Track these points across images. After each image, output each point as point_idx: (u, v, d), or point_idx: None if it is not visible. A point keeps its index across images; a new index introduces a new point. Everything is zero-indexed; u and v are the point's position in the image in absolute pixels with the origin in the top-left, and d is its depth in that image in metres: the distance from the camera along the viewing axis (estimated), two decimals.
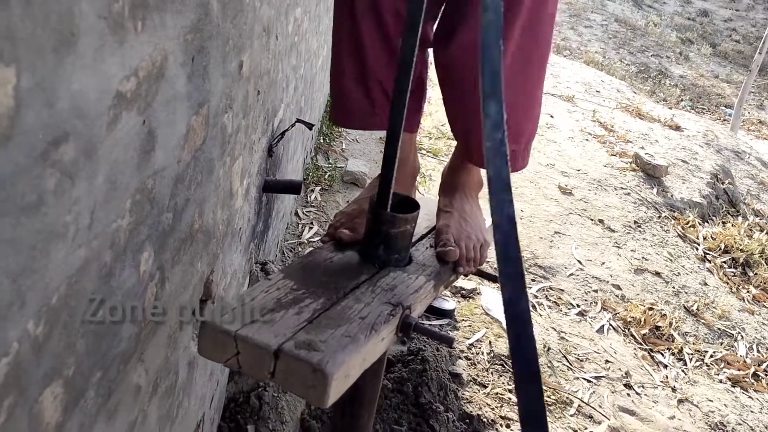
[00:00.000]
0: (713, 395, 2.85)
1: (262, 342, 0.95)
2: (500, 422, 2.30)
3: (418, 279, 1.24)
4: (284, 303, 1.05)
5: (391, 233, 1.22)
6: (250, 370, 0.97)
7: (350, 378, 0.99)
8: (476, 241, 1.40)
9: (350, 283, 1.16)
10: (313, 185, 3.52)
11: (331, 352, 0.94)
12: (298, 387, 0.94)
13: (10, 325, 0.55)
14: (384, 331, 1.07)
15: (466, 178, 1.50)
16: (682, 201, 4.61)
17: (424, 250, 1.38)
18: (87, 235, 0.68)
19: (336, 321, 1.03)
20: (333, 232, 1.33)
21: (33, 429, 0.64)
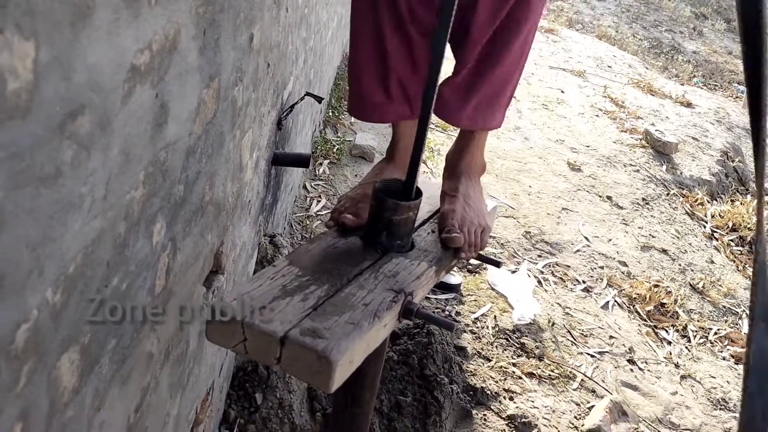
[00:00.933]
0: (716, 372, 2.87)
1: (269, 329, 0.97)
2: (504, 395, 2.33)
3: (420, 265, 1.25)
4: (289, 290, 1.07)
5: (394, 220, 1.23)
6: (257, 356, 0.99)
7: (354, 363, 1.01)
8: (478, 226, 1.41)
9: (354, 270, 1.17)
10: (321, 159, 3.53)
11: (335, 339, 0.96)
12: (303, 373, 0.96)
13: (30, 293, 0.57)
14: (386, 318, 1.09)
15: (470, 161, 1.51)
16: (691, 178, 4.60)
17: (426, 236, 1.39)
18: (102, 205, 0.69)
19: (340, 308, 1.05)
20: (337, 216, 1.34)
21: (51, 394, 0.66)
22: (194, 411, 1.49)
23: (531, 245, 3.39)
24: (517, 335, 2.68)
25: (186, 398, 1.34)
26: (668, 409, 2.57)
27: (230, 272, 1.60)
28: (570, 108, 5.35)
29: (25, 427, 0.62)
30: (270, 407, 1.96)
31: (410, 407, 2.10)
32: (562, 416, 2.33)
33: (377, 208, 1.23)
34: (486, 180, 3.85)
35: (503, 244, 3.34)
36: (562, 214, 3.75)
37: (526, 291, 2.92)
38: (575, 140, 4.73)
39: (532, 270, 3.15)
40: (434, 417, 2.08)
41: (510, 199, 3.74)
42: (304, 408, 2.02)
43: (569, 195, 3.99)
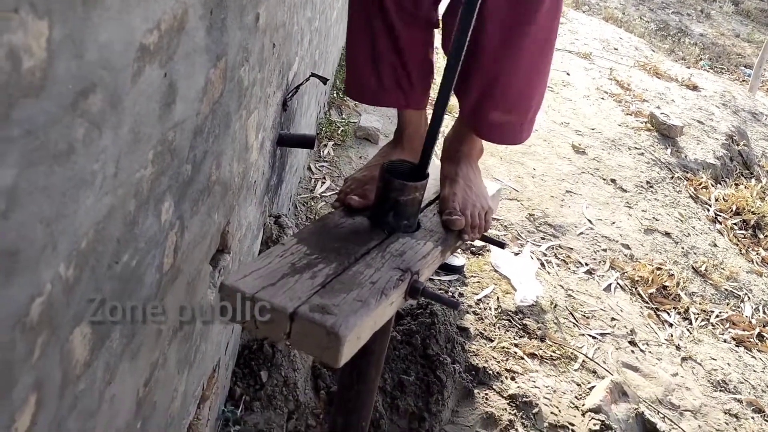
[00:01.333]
0: (717, 354, 2.89)
1: (279, 305, 0.98)
2: (505, 375, 2.35)
3: (426, 245, 1.27)
4: (298, 268, 1.08)
5: (401, 201, 1.25)
6: (267, 332, 1.00)
7: (361, 340, 1.03)
8: (480, 208, 1.42)
9: (361, 249, 1.19)
10: (326, 140, 3.54)
11: (343, 315, 0.98)
12: (312, 348, 0.98)
13: (44, 267, 0.59)
14: (393, 296, 1.11)
15: (470, 145, 1.52)
16: (695, 162, 4.59)
17: (431, 216, 1.40)
18: (113, 183, 0.70)
19: (348, 286, 1.07)
20: (343, 197, 1.35)
21: (64, 366, 0.68)
22: (201, 387, 1.51)
23: (534, 228, 3.40)
24: (520, 316, 2.70)
25: (193, 375, 1.36)
26: (668, 390, 2.59)
27: (236, 252, 1.62)
28: (575, 90, 5.33)
29: (39, 397, 0.63)
30: (275, 385, 1.98)
31: (413, 386, 2.13)
32: (563, 396, 2.35)
33: (384, 188, 1.25)
34: (490, 162, 3.85)
35: (507, 226, 3.35)
36: (566, 197, 3.76)
37: (529, 273, 2.94)
38: (580, 123, 4.72)
39: (535, 252, 3.17)
40: (437, 396, 2.11)
41: (514, 182, 3.75)
42: (308, 386, 2.05)
43: (573, 178, 3.99)
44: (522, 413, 2.20)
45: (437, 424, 2.08)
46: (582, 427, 2.22)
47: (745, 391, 2.73)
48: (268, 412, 1.95)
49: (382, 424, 2.05)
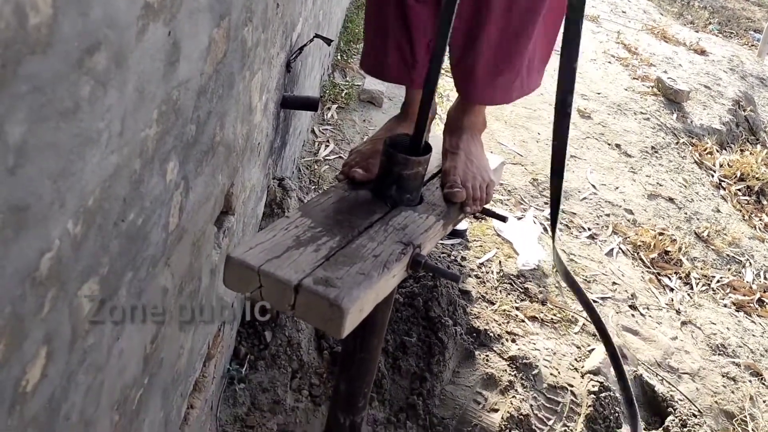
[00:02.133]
0: (717, 318, 2.92)
1: (284, 277, 1.01)
2: (506, 337, 2.38)
3: (428, 218, 1.28)
4: (303, 240, 1.10)
5: (404, 175, 1.26)
6: (272, 302, 1.03)
7: (364, 312, 1.06)
8: (482, 180, 1.43)
9: (364, 222, 1.21)
10: (329, 103, 3.52)
11: (346, 288, 1.01)
12: (316, 319, 1.01)
13: (52, 224, 0.60)
14: (395, 269, 1.13)
15: (472, 118, 1.52)
16: (701, 127, 4.57)
17: (434, 190, 1.42)
18: (118, 141, 0.71)
19: (351, 259, 1.09)
20: (347, 170, 1.36)
21: (73, 321, 0.70)
22: (206, 346, 1.54)
23: (538, 192, 3.40)
24: (521, 280, 2.72)
25: (198, 333, 1.39)
26: (667, 353, 2.62)
27: (240, 213, 1.63)
28: (582, 54, 5.27)
29: (49, 350, 0.65)
30: (279, 345, 2.01)
31: (415, 347, 2.16)
32: (563, 358, 2.38)
33: (387, 162, 1.26)
34: (495, 127, 3.84)
35: (510, 191, 3.35)
36: (570, 162, 3.75)
37: (532, 237, 2.95)
38: (586, 87, 4.69)
39: (538, 217, 3.18)
40: (438, 357, 2.14)
41: (518, 146, 3.74)
42: (311, 346, 2.08)
43: (578, 143, 3.97)
44: (522, 374, 2.23)
45: (438, 384, 2.11)
46: (581, 388, 2.26)
47: (743, 355, 2.76)
48: (272, 371, 1.98)
49: (385, 383, 2.08)
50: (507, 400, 2.12)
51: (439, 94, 4.00)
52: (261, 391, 1.95)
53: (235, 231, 1.60)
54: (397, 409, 2.05)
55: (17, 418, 0.61)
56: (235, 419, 1.89)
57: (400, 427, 2.02)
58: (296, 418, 1.96)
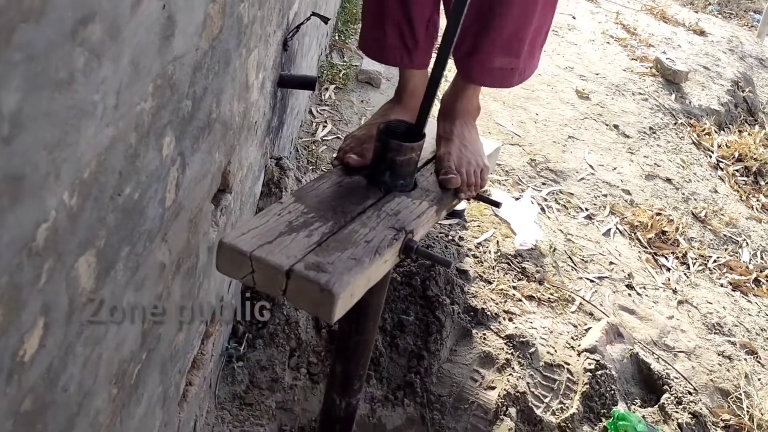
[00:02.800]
0: (713, 298, 2.93)
1: (275, 263, 1.01)
2: (503, 316, 2.40)
3: (421, 204, 1.29)
4: (295, 226, 1.11)
5: (397, 161, 1.27)
6: (264, 287, 1.04)
7: (355, 297, 1.07)
8: (476, 166, 1.43)
9: (357, 208, 1.22)
10: (327, 84, 3.51)
11: (337, 273, 1.01)
12: (307, 304, 1.02)
13: (48, 194, 0.60)
14: (387, 254, 1.14)
15: (466, 104, 1.52)
16: (699, 108, 4.56)
17: (428, 176, 1.42)
18: (113, 114, 0.71)
19: (343, 244, 1.10)
20: (342, 156, 1.37)
21: (70, 293, 0.70)
22: (204, 323, 1.55)
23: (536, 173, 3.40)
24: (519, 260, 2.73)
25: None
26: (664, 332, 2.64)
27: (237, 192, 1.63)
28: (581, 34, 5.25)
29: (47, 321, 0.66)
30: (277, 323, 2.03)
31: (412, 326, 2.17)
32: (560, 337, 2.40)
33: (381, 148, 1.27)
34: (493, 107, 3.83)
35: (508, 171, 3.35)
36: (568, 143, 3.75)
37: (529, 217, 2.96)
38: (584, 67, 4.67)
39: (535, 197, 3.18)
40: (435, 335, 2.15)
41: (516, 127, 3.73)
42: (309, 325, 2.09)
43: (576, 123, 3.97)
44: (519, 352, 2.25)
45: (436, 363, 2.13)
46: (577, 366, 2.27)
47: (739, 333, 2.78)
48: (271, 350, 2.00)
49: (382, 362, 2.10)
50: (504, 378, 2.14)
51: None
52: (259, 369, 1.96)
53: (233, 209, 1.60)
54: (395, 387, 2.07)
55: (15, 387, 0.62)
56: (234, 397, 1.90)
57: (398, 404, 2.04)
58: (294, 395, 1.97)
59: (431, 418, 2.02)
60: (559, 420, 2.10)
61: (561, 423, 2.09)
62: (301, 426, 1.94)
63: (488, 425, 2.02)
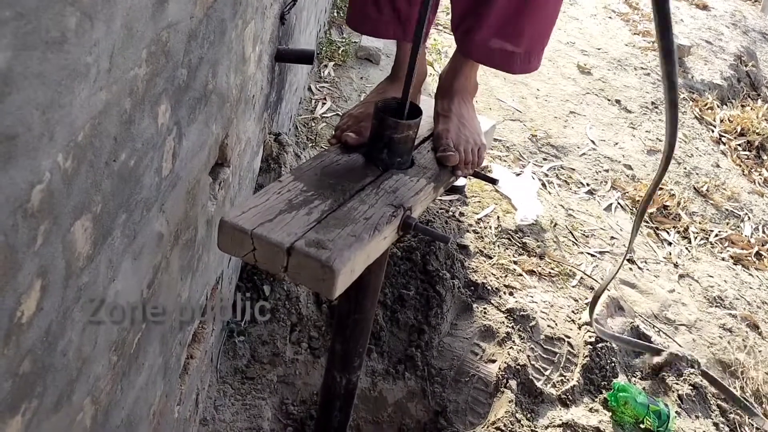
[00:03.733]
0: (714, 272, 2.94)
1: (276, 240, 1.03)
2: (504, 290, 2.40)
3: (419, 182, 1.30)
4: (295, 204, 1.12)
5: (395, 138, 1.27)
6: (266, 265, 1.05)
7: (355, 272, 1.08)
8: (474, 144, 1.44)
9: (356, 186, 1.23)
10: (326, 60, 3.49)
11: (338, 250, 1.03)
12: (308, 280, 1.03)
13: (42, 155, 0.60)
14: (386, 231, 1.15)
15: (464, 82, 1.51)
16: (702, 83, 4.53)
17: (425, 153, 1.43)
18: (107, 78, 0.71)
19: (342, 221, 1.11)
20: (339, 134, 1.37)
21: (67, 256, 0.70)
22: (204, 297, 1.55)
23: (537, 148, 3.39)
24: (519, 235, 2.73)
25: (196, 282, 1.40)
26: (665, 305, 2.65)
27: (236, 166, 1.63)
28: (582, 9, 5.21)
29: (44, 284, 0.66)
30: (278, 299, 2.03)
31: (413, 300, 2.18)
32: (560, 311, 2.41)
33: (378, 126, 1.27)
34: (494, 83, 3.81)
35: (509, 147, 3.34)
36: (569, 118, 3.73)
37: (530, 193, 2.95)
38: (586, 42, 4.64)
39: (537, 173, 3.17)
40: (436, 309, 2.16)
41: (517, 103, 3.72)
42: (310, 300, 2.10)
43: (577, 98, 3.95)
44: (519, 326, 2.26)
45: (436, 336, 2.14)
46: (578, 339, 2.28)
47: (740, 307, 2.79)
48: (272, 325, 2.01)
49: (383, 336, 2.11)
50: (504, 351, 2.15)
51: (437, 50, 3.96)
52: (260, 343, 1.97)
53: (231, 184, 1.60)
54: (396, 361, 2.08)
55: (13, 347, 0.62)
56: (236, 371, 1.92)
57: (399, 378, 2.05)
58: (296, 369, 1.99)
59: (432, 390, 2.04)
60: (559, 392, 2.11)
61: (561, 395, 2.10)
62: (302, 399, 1.96)
63: (489, 397, 2.04)
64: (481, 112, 3.50)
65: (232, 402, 1.84)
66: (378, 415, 2.00)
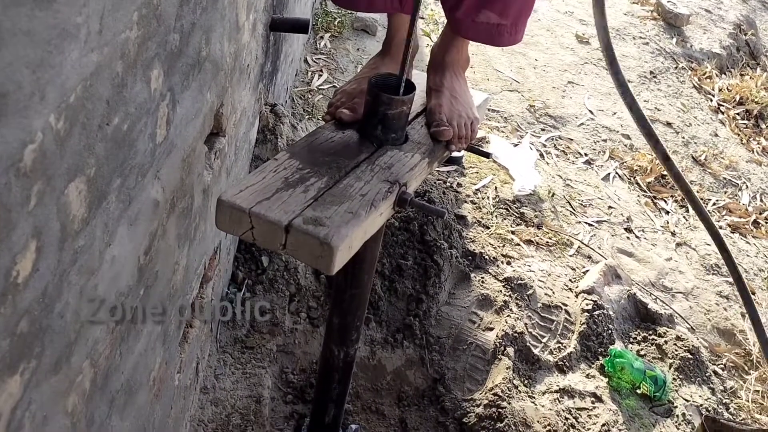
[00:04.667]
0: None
1: (274, 218, 1.04)
2: (501, 259, 2.41)
3: (413, 157, 1.30)
4: (291, 182, 1.13)
5: (389, 114, 1.28)
6: (264, 243, 1.07)
7: (353, 248, 1.10)
8: (467, 118, 1.43)
9: (351, 162, 1.23)
10: (322, 32, 3.46)
11: (335, 227, 1.04)
12: (307, 257, 1.05)
13: (33, 114, 0.60)
14: (382, 207, 1.16)
15: (455, 55, 1.50)
16: (701, 52, 4.50)
17: (419, 128, 1.43)
18: (98, 40, 0.71)
19: (339, 198, 1.12)
20: (333, 111, 1.37)
21: (61, 218, 0.71)
22: (202, 266, 1.56)
23: (535, 119, 3.38)
24: (517, 205, 2.74)
25: (194, 251, 1.41)
26: (662, 273, 2.66)
27: (231, 136, 1.63)
28: None
29: (39, 245, 0.66)
30: (276, 269, 2.04)
31: (411, 270, 2.19)
32: (558, 279, 2.42)
33: (372, 102, 1.27)
34: (491, 53, 3.78)
35: (507, 118, 3.33)
36: (567, 88, 3.71)
37: (528, 163, 2.95)
38: (584, 12, 4.60)
39: (535, 143, 3.17)
40: (434, 279, 2.17)
41: (515, 73, 3.70)
42: (308, 271, 2.11)
43: (576, 68, 3.93)
44: (517, 294, 2.27)
45: (434, 305, 2.15)
46: (575, 307, 2.30)
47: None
48: (271, 295, 2.02)
49: (381, 305, 2.12)
50: (502, 319, 2.16)
51: (435, 21, 3.93)
52: (260, 314, 1.98)
53: (227, 154, 1.60)
54: (394, 330, 2.10)
55: (10, 306, 0.62)
56: (235, 341, 1.93)
57: (398, 346, 2.07)
58: (295, 339, 2.00)
59: (430, 358, 2.06)
60: (556, 359, 2.13)
61: (558, 361, 2.12)
62: (302, 368, 1.98)
63: (486, 365, 2.06)
64: (478, 83, 3.49)
65: (232, 371, 1.86)
66: (377, 383, 2.02)
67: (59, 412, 0.81)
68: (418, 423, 1.98)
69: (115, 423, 1.06)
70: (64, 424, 0.83)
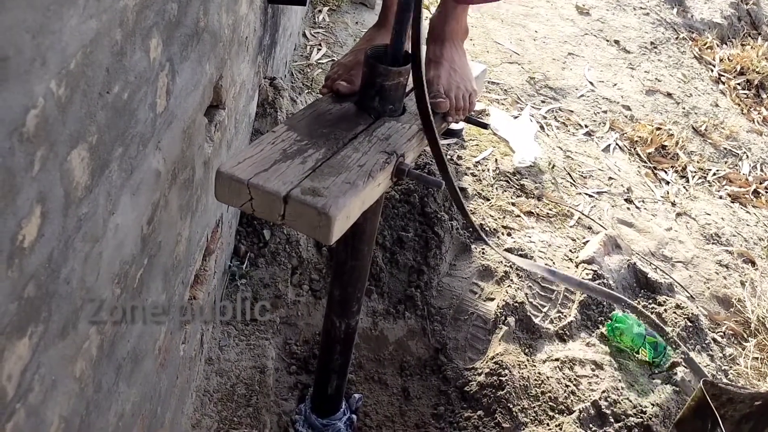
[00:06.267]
0: (711, 210, 2.95)
1: (273, 189, 1.05)
2: (502, 231, 2.42)
3: (411, 128, 1.30)
4: (289, 153, 1.14)
5: (385, 86, 1.28)
6: (263, 214, 1.08)
7: (351, 219, 1.11)
8: (465, 90, 1.43)
9: (349, 134, 1.24)
10: (320, 5, 3.44)
11: (333, 197, 1.05)
12: (305, 227, 1.06)
13: (35, 80, 0.61)
14: (380, 177, 1.17)
15: (454, 26, 1.50)
16: (702, 22, 4.47)
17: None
18: (96, 6, 0.71)
19: (337, 169, 1.13)
20: (331, 84, 1.37)
21: (65, 185, 0.72)
22: (205, 239, 1.57)
23: (535, 91, 3.37)
24: (517, 177, 2.74)
25: (196, 223, 1.42)
26: (662, 243, 2.67)
27: (231, 109, 1.63)
28: None
29: (44, 210, 0.67)
30: (278, 243, 2.06)
31: (412, 242, 2.20)
32: (558, 250, 2.43)
33: (369, 74, 1.27)
34: (491, 25, 3.76)
35: (507, 90, 3.32)
36: (567, 59, 3.70)
37: (528, 135, 2.95)
38: None
39: (535, 115, 3.16)
40: (435, 250, 2.19)
41: (515, 45, 3.68)
42: (310, 243, 2.12)
43: (576, 40, 3.91)
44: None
45: (435, 277, 2.17)
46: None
47: (737, 243, 2.81)
48: (273, 268, 2.03)
49: (383, 277, 2.14)
50: (502, 290, 2.18)
51: None
52: (262, 286, 2.00)
53: (227, 126, 1.61)
54: (396, 301, 2.12)
55: (17, 270, 0.64)
56: None
57: (399, 317, 2.09)
58: (298, 311, 2.02)
59: (432, 329, 2.08)
60: (557, 328, 2.15)
61: (559, 330, 2.14)
62: (305, 339, 2.00)
63: (487, 334, 2.08)
64: (478, 56, 3.47)
65: (236, 342, 1.88)
66: (380, 353, 2.04)
67: (68, 376, 0.82)
68: (420, 392, 2.01)
69: (123, 389, 1.07)
70: (72, 388, 0.85)
